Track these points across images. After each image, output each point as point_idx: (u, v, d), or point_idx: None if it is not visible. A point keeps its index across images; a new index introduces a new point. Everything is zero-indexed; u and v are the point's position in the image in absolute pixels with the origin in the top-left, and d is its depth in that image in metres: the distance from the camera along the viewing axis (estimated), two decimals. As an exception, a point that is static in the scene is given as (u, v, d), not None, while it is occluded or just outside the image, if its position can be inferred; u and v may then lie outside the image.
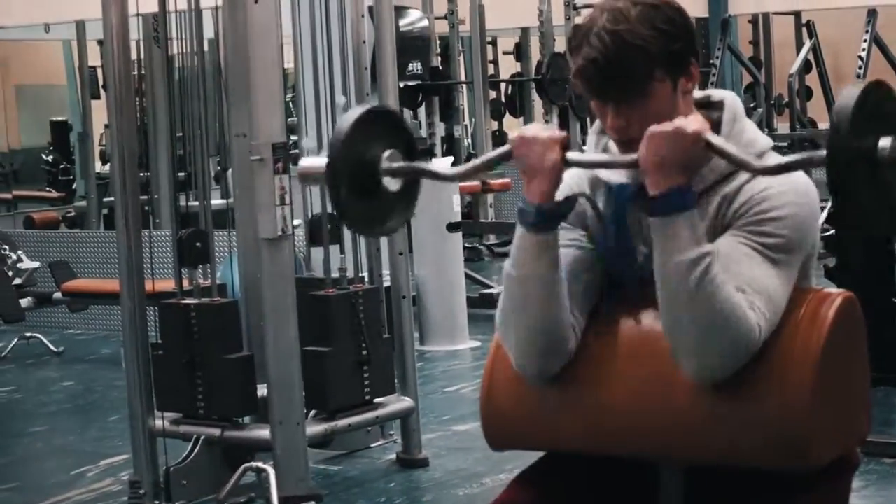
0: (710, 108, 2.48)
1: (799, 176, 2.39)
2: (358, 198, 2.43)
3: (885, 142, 2.12)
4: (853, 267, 5.63)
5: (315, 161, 2.50)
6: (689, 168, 2.30)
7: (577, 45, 2.37)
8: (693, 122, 2.29)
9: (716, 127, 2.43)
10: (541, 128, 2.40)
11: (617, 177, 2.46)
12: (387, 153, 2.44)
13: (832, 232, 6.64)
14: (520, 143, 2.39)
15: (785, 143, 13.66)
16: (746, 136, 2.44)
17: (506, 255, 2.49)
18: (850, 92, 2.11)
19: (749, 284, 2.30)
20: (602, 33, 2.33)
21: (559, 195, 2.41)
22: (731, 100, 2.48)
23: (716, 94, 2.51)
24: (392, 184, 2.45)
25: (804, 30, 14.53)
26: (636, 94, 2.36)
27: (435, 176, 2.54)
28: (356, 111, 2.46)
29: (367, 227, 2.61)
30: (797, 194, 2.37)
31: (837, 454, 2.43)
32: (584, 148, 2.58)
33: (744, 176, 2.37)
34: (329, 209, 5.47)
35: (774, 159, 2.32)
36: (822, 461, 2.36)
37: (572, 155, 2.38)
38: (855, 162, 2.10)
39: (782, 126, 14.44)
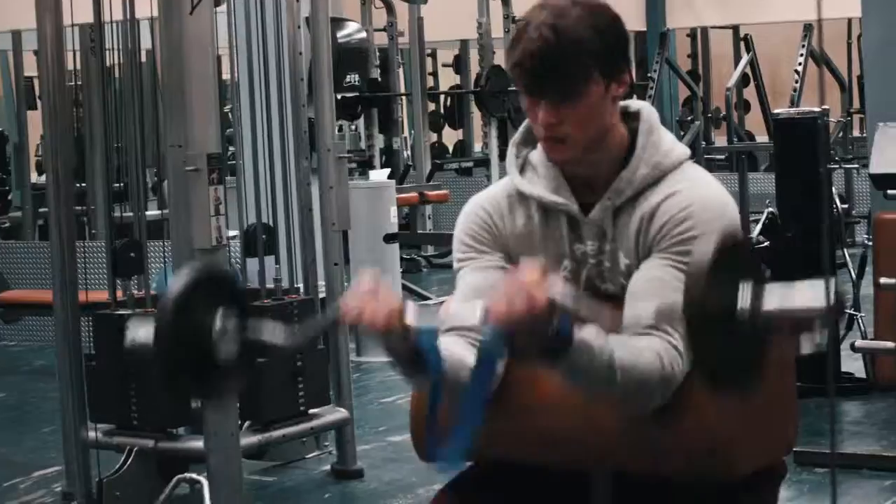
0: (627, 119, 2.47)
1: (717, 190, 2.41)
2: (192, 369, 2.24)
3: (742, 297, 2.06)
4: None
5: (141, 332, 2.26)
6: (548, 324, 2.13)
7: (515, 38, 2.36)
8: (530, 289, 2.10)
9: (633, 137, 2.44)
10: (367, 299, 2.17)
11: (539, 189, 2.46)
12: (219, 316, 2.23)
13: (766, 244, 6.69)
14: (348, 320, 2.19)
15: (722, 156, 13.81)
16: (663, 147, 2.44)
17: (444, 266, 2.47)
18: (703, 251, 2.06)
19: (671, 313, 2.28)
20: (542, 27, 2.32)
21: (472, 223, 2.46)
22: (647, 111, 2.48)
23: (632, 104, 2.50)
24: (228, 347, 2.24)
25: (742, 44, 14.68)
26: (571, 91, 2.34)
27: (269, 348, 2.32)
28: (182, 278, 2.26)
29: (204, 395, 2.49)
30: (716, 210, 2.37)
31: (762, 464, 2.45)
32: (507, 155, 2.55)
33: (661, 193, 2.38)
34: (265, 220, 5.47)
35: None
36: (746, 471, 2.39)
37: (413, 319, 2.16)
38: (712, 320, 2.05)
39: (720, 139, 14.57)
